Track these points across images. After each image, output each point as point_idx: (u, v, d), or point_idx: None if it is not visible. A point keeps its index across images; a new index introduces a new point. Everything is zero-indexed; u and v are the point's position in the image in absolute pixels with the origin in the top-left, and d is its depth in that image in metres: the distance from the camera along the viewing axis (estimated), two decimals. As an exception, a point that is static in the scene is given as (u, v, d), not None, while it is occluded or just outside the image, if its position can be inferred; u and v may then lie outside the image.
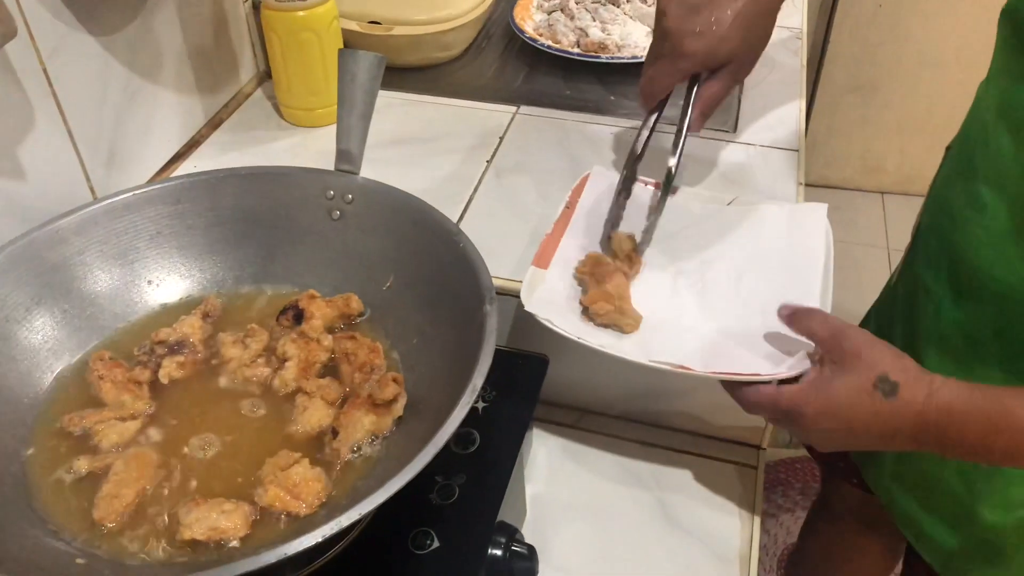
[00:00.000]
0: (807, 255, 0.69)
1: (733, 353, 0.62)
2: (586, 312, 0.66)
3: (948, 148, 0.77)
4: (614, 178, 0.77)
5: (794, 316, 0.60)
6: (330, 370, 0.59)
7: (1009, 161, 0.59)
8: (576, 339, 0.63)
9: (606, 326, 0.65)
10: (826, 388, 0.54)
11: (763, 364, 0.60)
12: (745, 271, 0.69)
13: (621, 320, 0.65)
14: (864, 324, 0.86)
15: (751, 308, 0.66)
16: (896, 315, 0.79)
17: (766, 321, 0.64)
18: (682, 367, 0.61)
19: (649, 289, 0.69)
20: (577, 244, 0.72)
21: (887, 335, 0.76)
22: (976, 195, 0.63)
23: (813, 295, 0.66)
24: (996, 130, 0.61)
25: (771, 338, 0.63)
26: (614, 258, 0.70)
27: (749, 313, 0.66)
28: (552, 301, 0.66)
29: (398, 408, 0.54)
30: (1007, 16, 0.59)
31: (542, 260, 0.69)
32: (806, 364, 0.58)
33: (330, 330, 0.60)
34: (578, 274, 0.69)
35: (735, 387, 0.60)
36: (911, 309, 0.74)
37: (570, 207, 0.75)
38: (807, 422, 0.55)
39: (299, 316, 0.60)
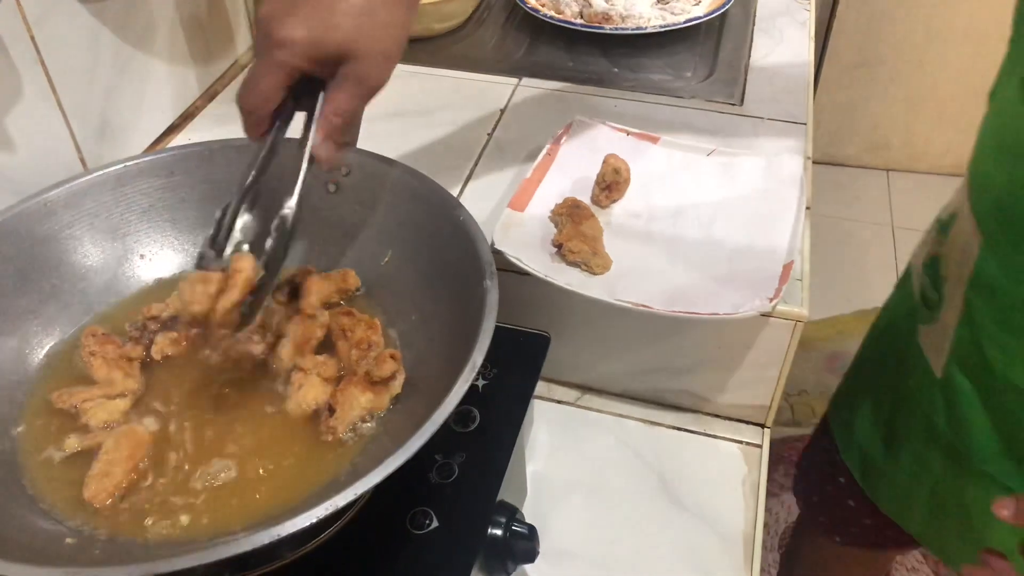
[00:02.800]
0: (780, 204, 0.71)
1: (696, 295, 0.64)
2: (559, 252, 0.67)
3: (944, 225, 0.71)
4: (597, 127, 0.80)
5: (1018, 512, 0.55)
6: (326, 347, 0.57)
7: None
8: (543, 277, 0.64)
9: (576, 265, 0.66)
10: None
11: (723, 306, 0.62)
12: (717, 218, 0.71)
13: (593, 260, 0.66)
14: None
15: (719, 254, 0.68)
16: (952, 418, 0.70)
17: (732, 267, 0.66)
18: (644, 305, 0.62)
19: (622, 233, 0.70)
20: (555, 190, 0.73)
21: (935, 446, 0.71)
22: None
23: (782, 244, 0.67)
24: None
25: (735, 283, 0.65)
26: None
27: (717, 259, 0.68)
28: (524, 242, 0.67)
29: (396, 386, 0.53)
30: None
31: (519, 203, 0.71)
32: (767, 306, 0.61)
33: (327, 306, 0.59)
34: (554, 215, 0.70)
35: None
36: (997, 411, 0.66)
37: (551, 154, 0.76)
38: None
39: (295, 291, 0.59)
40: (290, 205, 0.50)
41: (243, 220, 0.52)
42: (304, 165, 0.50)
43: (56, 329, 0.56)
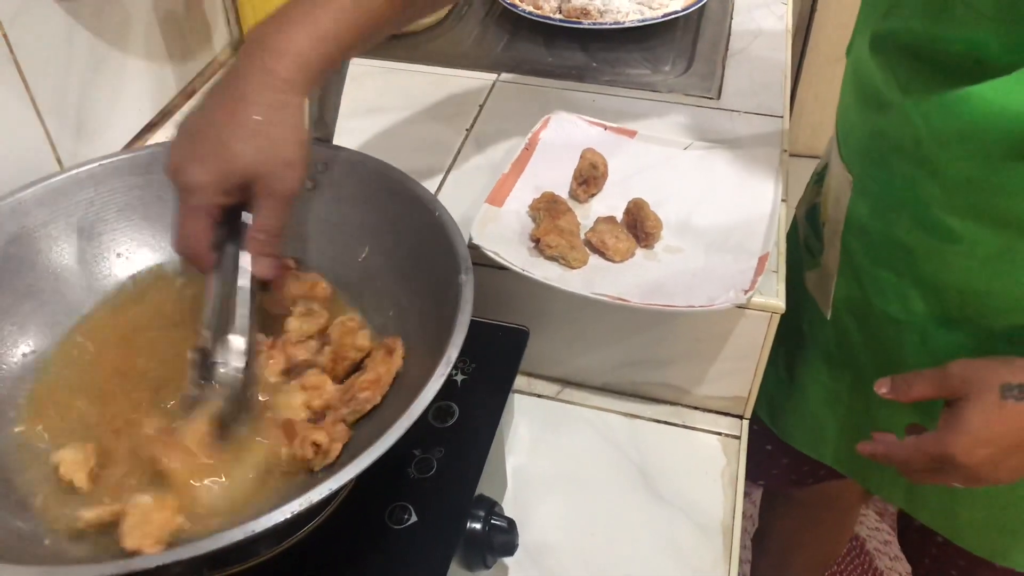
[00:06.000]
0: (756, 199, 0.72)
1: (672, 289, 0.64)
2: (536, 246, 0.67)
3: (819, 176, 0.78)
4: (575, 122, 0.80)
5: (894, 387, 0.59)
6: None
7: (985, 187, 0.57)
8: (521, 271, 0.64)
9: (553, 259, 0.67)
10: (960, 422, 0.54)
11: (699, 298, 0.62)
12: (693, 212, 0.72)
13: (570, 255, 0.66)
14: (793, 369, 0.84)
15: (696, 248, 0.69)
16: (849, 351, 0.76)
17: (709, 260, 0.67)
18: (620, 299, 0.62)
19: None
20: (533, 184, 0.73)
21: (842, 375, 0.77)
22: (937, 226, 0.61)
23: (756, 239, 0.68)
24: (946, 154, 0.59)
25: (711, 277, 0.65)
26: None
27: (693, 253, 0.68)
28: (502, 236, 0.68)
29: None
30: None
31: (496, 198, 0.71)
32: (741, 299, 0.61)
33: (292, 303, 0.58)
34: (531, 210, 0.70)
35: (887, 450, 0.59)
36: (877, 343, 0.72)
37: (529, 149, 0.77)
38: (962, 459, 0.54)
39: (264, 284, 0.56)
40: (235, 345, 0.51)
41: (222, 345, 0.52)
42: (248, 288, 0.52)
43: (32, 328, 0.56)
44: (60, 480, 0.48)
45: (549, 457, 0.71)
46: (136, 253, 0.62)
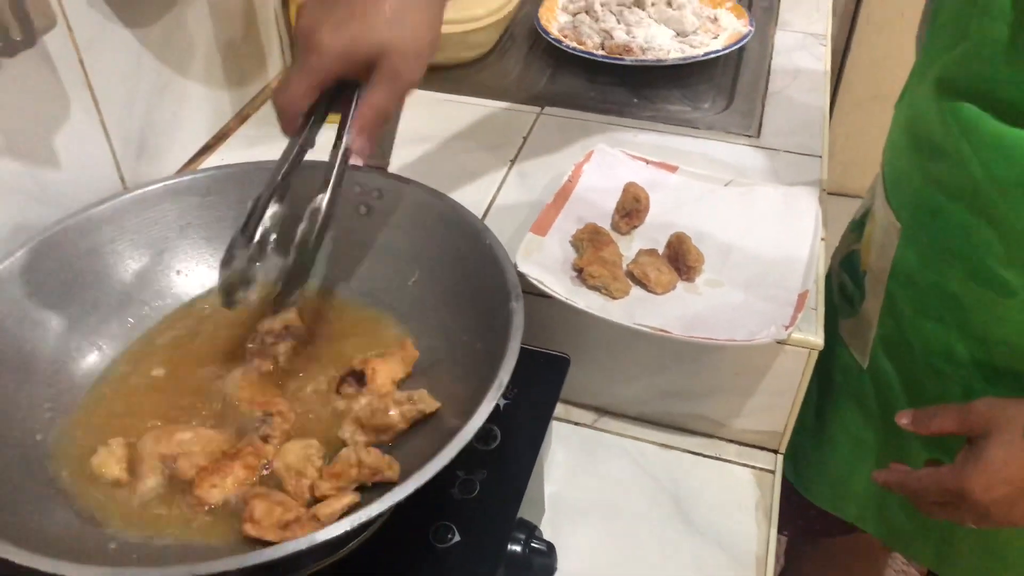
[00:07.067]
0: (795, 236, 0.73)
1: (713, 322, 0.65)
2: (579, 275, 0.69)
3: (858, 223, 0.77)
4: (618, 156, 0.82)
5: (916, 419, 0.59)
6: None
7: None
8: (564, 299, 0.66)
9: (596, 289, 0.68)
10: (980, 458, 0.54)
11: (740, 332, 0.63)
12: (734, 248, 0.73)
13: (612, 285, 0.68)
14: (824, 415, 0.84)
15: (736, 282, 0.70)
16: (885, 402, 0.76)
17: (749, 295, 0.68)
18: (662, 330, 0.63)
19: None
20: (575, 215, 0.75)
21: (875, 426, 0.77)
22: (992, 278, 0.61)
23: (796, 276, 0.69)
24: (1006, 203, 0.58)
25: (752, 311, 0.66)
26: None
27: (734, 287, 0.69)
28: (546, 265, 0.69)
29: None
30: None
31: (540, 228, 0.73)
32: (782, 334, 0.62)
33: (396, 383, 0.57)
34: (574, 240, 0.72)
35: (902, 479, 0.60)
36: (916, 395, 0.72)
37: (572, 181, 0.79)
38: (978, 496, 0.54)
39: (361, 379, 0.57)
40: (321, 199, 0.54)
41: (273, 210, 0.55)
42: (339, 158, 0.54)
43: (98, 340, 0.58)
44: (100, 477, 0.50)
45: (585, 484, 0.72)
46: (195, 271, 0.64)
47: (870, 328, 0.73)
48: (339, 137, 0.54)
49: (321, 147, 0.57)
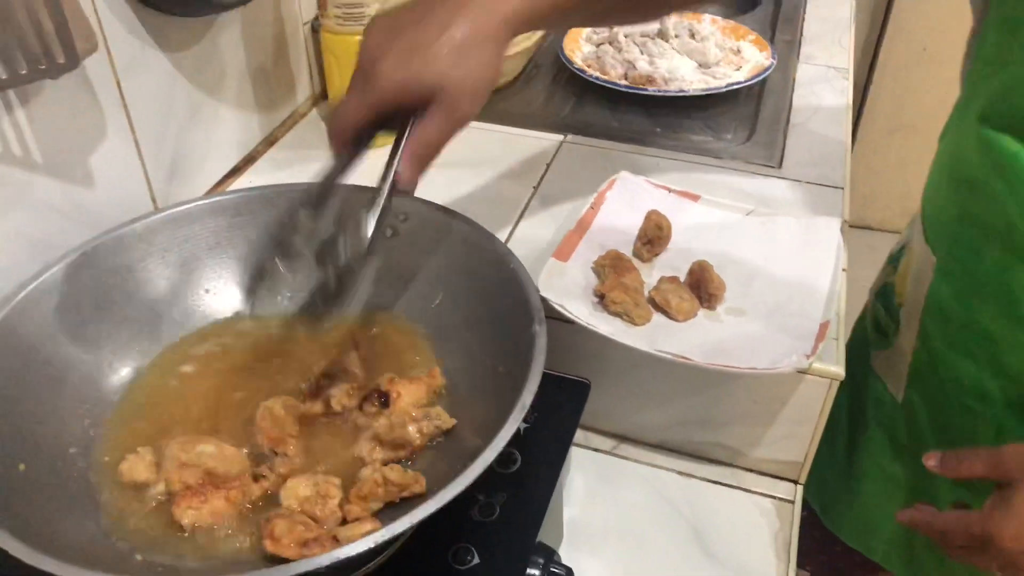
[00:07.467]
0: (817, 266, 0.73)
1: (735, 350, 0.65)
2: (601, 302, 0.69)
3: (895, 256, 0.76)
4: (640, 184, 0.83)
5: (943, 462, 0.59)
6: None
7: None
8: (586, 324, 0.66)
9: (618, 315, 0.69)
10: (1010, 506, 0.53)
11: (761, 361, 0.63)
12: (755, 277, 0.73)
13: (634, 311, 0.68)
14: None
15: (758, 312, 0.70)
16: (918, 438, 0.75)
17: (770, 324, 0.68)
18: (683, 357, 0.63)
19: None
20: (597, 242, 0.76)
21: (906, 462, 0.76)
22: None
23: (817, 306, 0.69)
24: None
25: (773, 340, 0.66)
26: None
27: (755, 316, 0.69)
28: (567, 290, 0.70)
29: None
30: None
31: (563, 253, 0.74)
32: (804, 364, 0.62)
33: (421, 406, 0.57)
34: (596, 266, 0.73)
35: (929, 519, 0.60)
36: (947, 433, 0.72)
37: (594, 208, 0.80)
38: (1007, 544, 0.53)
39: (385, 400, 0.57)
40: (368, 223, 0.54)
41: (307, 222, 0.56)
42: (387, 185, 0.54)
43: (128, 354, 0.60)
44: (126, 485, 0.51)
45: (603, 511, 0.71)
46: (223, 291, 0.65)
47: (905, 361, 0.73)
48: (389, 164, 0.54)
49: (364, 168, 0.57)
